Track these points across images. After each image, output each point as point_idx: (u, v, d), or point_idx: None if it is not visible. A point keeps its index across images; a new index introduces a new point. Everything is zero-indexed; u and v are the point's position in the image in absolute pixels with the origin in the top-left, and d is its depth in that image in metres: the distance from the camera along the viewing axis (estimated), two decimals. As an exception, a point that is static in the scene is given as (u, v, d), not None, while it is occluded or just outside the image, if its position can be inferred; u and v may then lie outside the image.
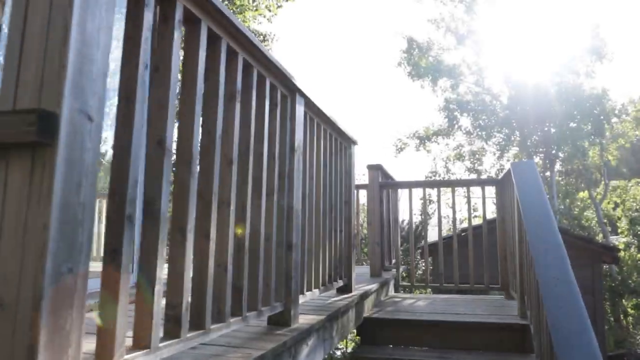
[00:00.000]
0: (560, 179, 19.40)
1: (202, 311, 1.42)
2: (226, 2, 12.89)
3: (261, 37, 13.56)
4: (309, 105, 2.44)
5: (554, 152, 18.13)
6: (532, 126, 18.22)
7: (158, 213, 1.21)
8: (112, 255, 1.08)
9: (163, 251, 1.22)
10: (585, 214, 20.19)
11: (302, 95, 2.28)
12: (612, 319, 14.70)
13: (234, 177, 1.61)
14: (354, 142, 3.46)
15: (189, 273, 1.33)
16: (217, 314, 1.54)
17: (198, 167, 1.42)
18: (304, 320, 2.22)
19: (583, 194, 20.44)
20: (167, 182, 1.24)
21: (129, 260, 1.09)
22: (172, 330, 1.29)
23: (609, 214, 20.57)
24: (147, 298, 1.18)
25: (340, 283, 3.11)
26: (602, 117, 18.11)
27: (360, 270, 5.22)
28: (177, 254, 1.32)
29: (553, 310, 1.92)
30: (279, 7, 13.78)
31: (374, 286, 3.77)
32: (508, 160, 19.58)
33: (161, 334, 1.28)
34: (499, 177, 4.35)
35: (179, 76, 1.42)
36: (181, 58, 1.41)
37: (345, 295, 3.11)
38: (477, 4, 19.71)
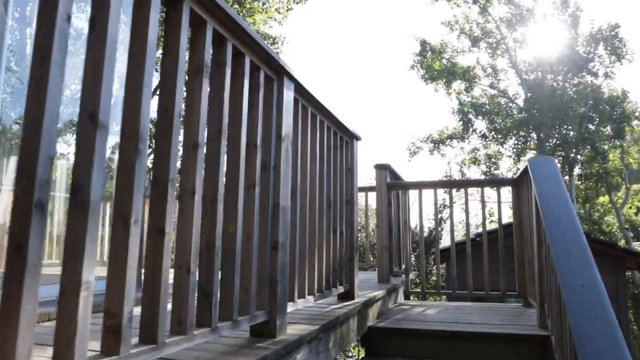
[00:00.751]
0: (579, 183, 18.85)
1: (154, 321, 1.19)
2: (236, 5, 12.78)
3: (271, 40, 13.41)
4: (301, 92, 2.21)
5: (572, 155, 17.62)
6: (550, 129, 17.75)
7: (87, 201, 0.98)
8: (17, 252, 0.85)
9: (93, 248, 0.98)
10: (606, 219, 19.62)
11: (292, 79, 2.05)
12: (635, 327, 14.15)
13: (199, 164, 1.37)
14: (357, 138, 3.22)
15: (132, 274, 1.10)
16: (177, 324, 1.31)
17: (150, 149, 1.19)
18: (294, 330, 1.98)
19: (603, 199, 19.86)
20: (100, 164, 1.01)
21: (37, 257, 0.86)
22: (110, 346, 1.06)
23: (631, 219, 19.94)
24: (69, 306, 0.95)
25: (341, 289, 2.85)
26: (622, 119, 17.58)
27: (368, 276, 4.96)
28: (118, 250, 1.09)
29: (579, 321, 1.66)
30: (289, 9, 13.64)
31: (380, 293, 3.50)
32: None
33: (95, 350, 1.05)
34: (515, 176, 4.06)
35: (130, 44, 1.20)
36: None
37: (347, 303, 2.86)
38: (492, 5, 19.37)
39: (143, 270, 1.36)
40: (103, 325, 1.07)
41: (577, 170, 18.35)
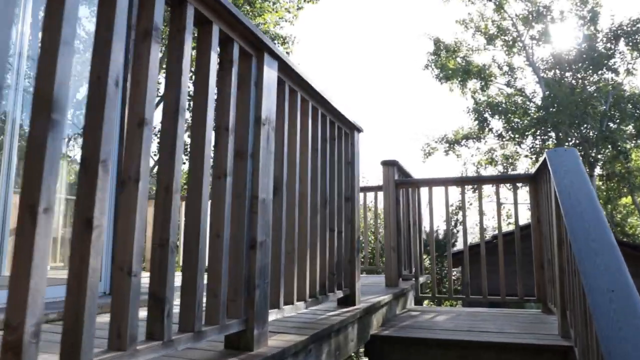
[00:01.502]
0: (600, 183, 18.27)
1: (77, 334, 0.96)
2: (246, 6, 12.65)
3: (281, 40, 13.24)
4: (287, 72, 1.97)
5: (593, 154, 17.08)
6: (569, 127, 17.24)
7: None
8: None
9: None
10: (628, 220, 19.00)
11: (274, 56, 1.82)
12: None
13: (145, 145, 1.15)
14: (358, 129, 2.97)
15: (40, 275, 0.87)
16: (115, 338, 1.08)
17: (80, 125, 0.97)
18: (277, 342, 1.73)
19: (626, 200, 19.25)
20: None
21: None
22: (7, 367, 0.83)
23: (656, 221, 19.28)
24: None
25: (340, 294, 2.60)
26: (645, 117, 17.00)
27: (377, 280, 4.70)
28: (23, 247, 0.86)
29: (607, 331, 1.41)
30: (299, 8, 13.47)
31: (385, 298, 3.24)
32: (543, 165, 18.54)
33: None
34: (533, 171, 3.77)
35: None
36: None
37: (346, 309, 2.61)
38: (507, 2, 18.96)
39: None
40: (2, 342, 0.85)
41: (598, 170, 17.78)
